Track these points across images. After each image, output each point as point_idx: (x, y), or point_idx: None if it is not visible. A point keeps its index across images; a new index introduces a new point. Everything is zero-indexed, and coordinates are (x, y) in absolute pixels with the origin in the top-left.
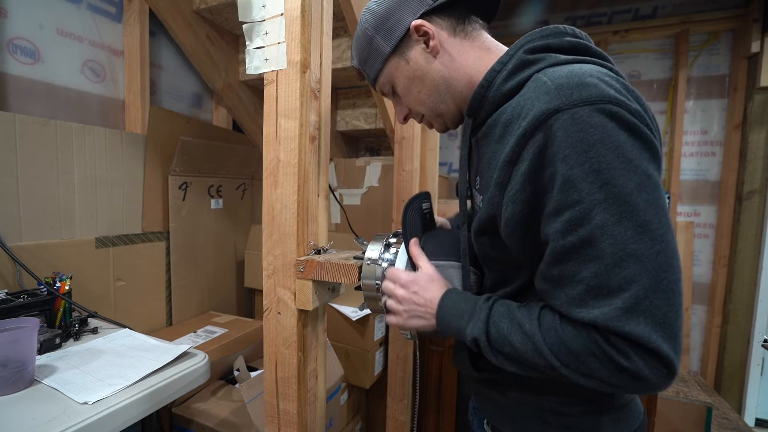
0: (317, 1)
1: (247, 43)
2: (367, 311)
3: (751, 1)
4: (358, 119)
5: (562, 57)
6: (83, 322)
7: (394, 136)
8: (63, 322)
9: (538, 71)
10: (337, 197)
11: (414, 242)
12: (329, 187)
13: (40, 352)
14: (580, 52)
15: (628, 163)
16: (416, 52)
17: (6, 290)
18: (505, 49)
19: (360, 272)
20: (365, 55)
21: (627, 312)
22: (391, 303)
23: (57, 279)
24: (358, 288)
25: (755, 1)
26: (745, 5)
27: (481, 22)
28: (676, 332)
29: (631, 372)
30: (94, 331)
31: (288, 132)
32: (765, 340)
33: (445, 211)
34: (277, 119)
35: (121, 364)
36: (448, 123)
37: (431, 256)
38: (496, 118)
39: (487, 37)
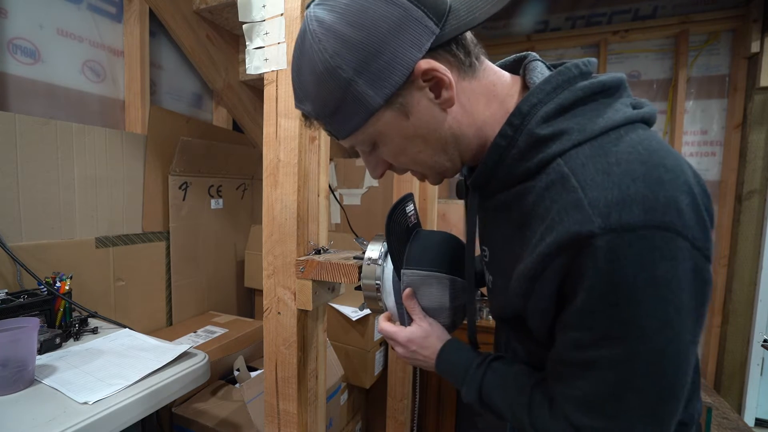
0: None
1: (247, 43)
2: (367, 311)
3: (751, 1)
4: None
5: (589, 129)
6: (83, 322)
7: None
8: (63, 322)
9: (560, 155)
10: (337, 197)
11: (408, 295)
12: (329, 187)
13: (41, 352)
14: (596, 94)
15: (657, 300)
16: (421, 104)
17: (6, 290)
18: (506, 81)
19: (360, 272)
20: (332, 103)
21: None
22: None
23: (57, 279)
24: (358, 288)
25: (755, 1)
26: (745, 5)
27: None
28: None
29: None
30: (94, 331)
31: (288, 132)
32: (765, 340)
33: (444, 211)
34: (277, 119)
35: (121, 364)
36: (448, 176)
37: (415, 264)
38: (512, 199)
39: (488, 65)
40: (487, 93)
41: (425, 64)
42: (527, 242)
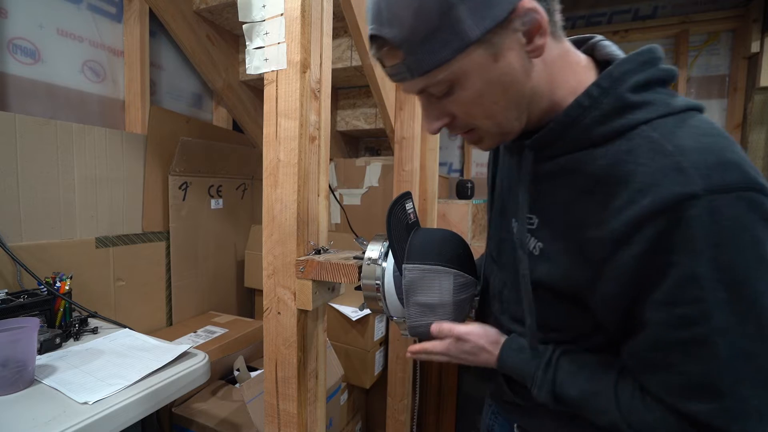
0: (317, 1)
1: (247, 43)
2: (367, 311)
3: (751, 1)
4: (358, 119)
5: (672, 104)
6: (83, 322)
7: (394, 136)
8: (63, 322)
9: (645, 122)
10: (337, 197)
11: (417, 349)
12: (329, 187)
13: (41, 352)
14: (671, 80)
15: (761, 259)
16: (512, 48)
17: (6, 290)
18: (579, 54)
19: (360, 272)
20: (426, 28)
21: (733, 412)
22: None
23: (57, 279)
24: (358, 288)
25: (755, 1)
26: (745, 5)
27: None
28: None
29: None
30: (94, 331)
31: (288, 132)
32: None
33: (444, 211)
34: (277, 119)
35: (121, 364)
36: (507, 139)
37: (417, 259)
38: (576, 164)
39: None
40: (564, 57)
41: (529, 2)
42: (603, 206)
